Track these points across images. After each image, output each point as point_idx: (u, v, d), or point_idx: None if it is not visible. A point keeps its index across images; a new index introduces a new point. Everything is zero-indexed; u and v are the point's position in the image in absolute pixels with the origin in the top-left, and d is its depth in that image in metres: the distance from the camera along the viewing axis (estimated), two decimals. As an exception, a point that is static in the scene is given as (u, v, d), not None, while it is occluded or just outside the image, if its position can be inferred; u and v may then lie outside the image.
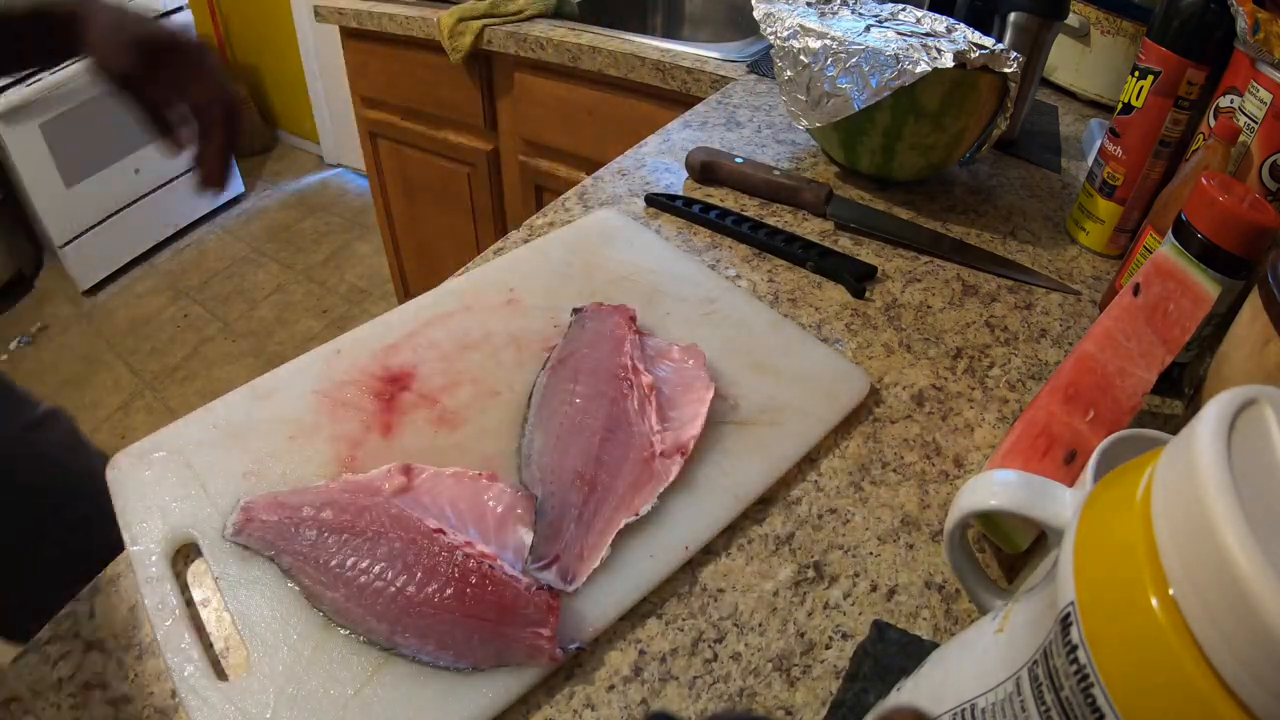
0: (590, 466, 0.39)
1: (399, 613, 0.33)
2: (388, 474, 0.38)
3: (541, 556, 0.36)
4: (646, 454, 0.40)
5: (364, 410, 0.43)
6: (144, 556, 0.35)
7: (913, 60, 0.58)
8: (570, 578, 0.36)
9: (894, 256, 0.61)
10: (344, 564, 0.34)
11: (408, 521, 0.36)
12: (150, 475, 0.39)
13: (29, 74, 1.91)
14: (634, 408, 0.43)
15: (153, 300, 2.26)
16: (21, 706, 0.32)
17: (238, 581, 0.35)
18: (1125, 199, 0.60)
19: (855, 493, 0.42)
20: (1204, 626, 0.15)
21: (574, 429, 0.41)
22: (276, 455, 0.40)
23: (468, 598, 0.33)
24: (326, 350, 0.47)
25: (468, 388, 0.45)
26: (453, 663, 0.32)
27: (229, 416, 0.42)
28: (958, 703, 0.22)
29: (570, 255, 0.56)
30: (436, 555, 0.34)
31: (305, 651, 0.32)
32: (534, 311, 0.50)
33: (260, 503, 0.37)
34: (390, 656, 0.32)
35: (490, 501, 0.37)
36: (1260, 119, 0.47)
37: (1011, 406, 0.48)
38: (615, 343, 0.46)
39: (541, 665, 0.33)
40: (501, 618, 0.33)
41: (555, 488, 0.39)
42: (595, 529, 0.37)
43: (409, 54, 1.30)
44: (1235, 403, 0.18)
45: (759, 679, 0.33)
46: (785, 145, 0.76)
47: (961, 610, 0.37)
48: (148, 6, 2.14)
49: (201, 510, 0.37)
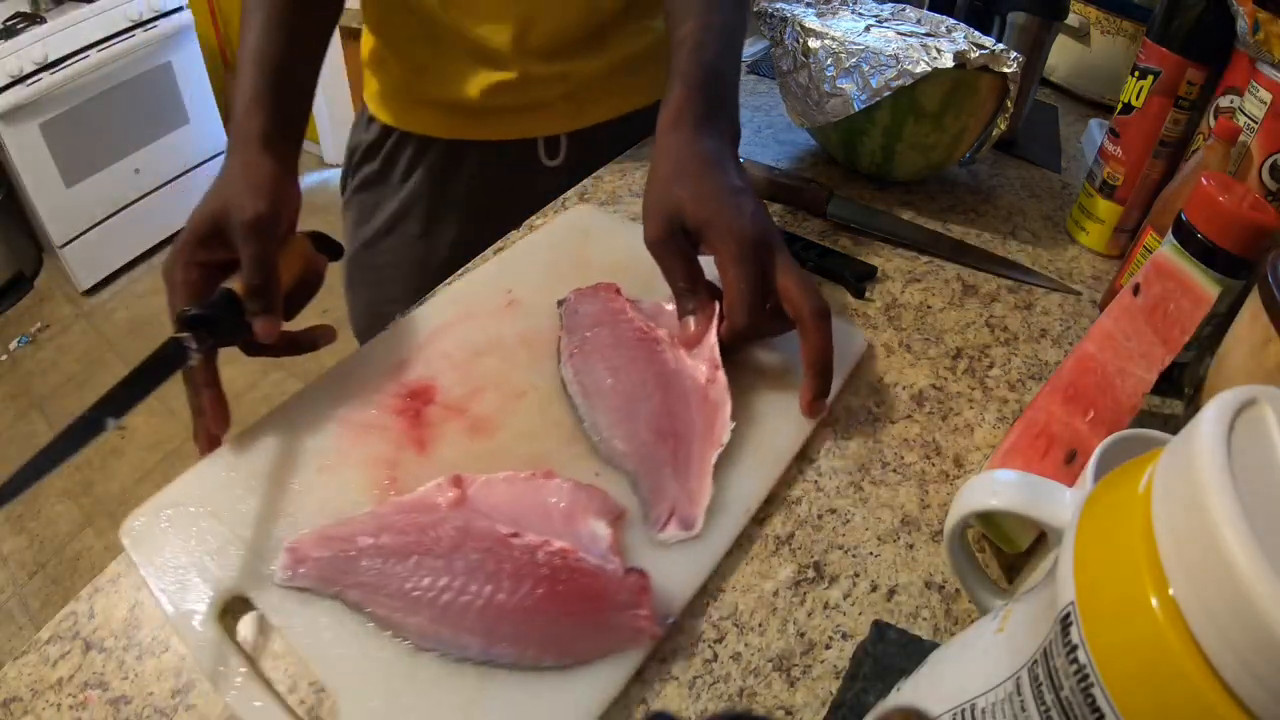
0: (663, 421, 0.41)
1: (492, 623, 0.32)
2: (438, 488, 0.37)
3: (658, 518, 0.37)
4: (701, 391, 0.43)
5: (391, 430, 0.41)
6: (187, 621, 0.33)
7: (912, 60, 0.58)
8: (691, 524, 0.37)
9: (894, 256, 0.61)
10: (420, 585, 0.33)
11: (478, 531, 0.35)
12: (172, 533, 0.36)
13: (29, 74, 1.91)
14: (668, 357, 0.45)
15: (153, 300, 2.25)
16: (21, 706, 0.32)
17: (302, 626, 0.33)
18: (1125, 199, 0.60)
19: (855, 493, 0.42)
20: (1204, 626, 0.15)
21: (629, 397, 0.42)
22: (309, 489, 0.38)
23: (561, 594, 0.33)
24: (335, 374, 0.45)
25: (491, 393, 0.44)
26: (556, 662, 0.32)
27: (245, 458, 0.40)
28: (958, 703, 0.22)
29: (558, 253, 0.56)
30: (519, 559, 0.33)
31: (397, 684, 0.31)
32: (536, 310, 0.50)
33: (307, 541, 0.35)
34: (488, 670, 0.31)
35: (553, 499, 0.37)
36: (1260, 119, 0.47)
37: (1011, 406, 0.48)
38: (615, 314, 0.47)
39: (643, 646, 0.33)
40: (598, 607, 0.33)
41: (640, 454, 0.40)
42: (693, 472, 0.39)
43: (409, 54, 1.30)
44: (1235, 403, 0.18)
45: (759, 679, 0.33)
46: (785, 145, 0.76)
47: (961, 610, 0.37)
48: (148, 6, 2.14)
49: (241, 560, 0.35)
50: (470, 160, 0.71)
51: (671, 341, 0.46)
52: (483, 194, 0.72)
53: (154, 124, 2.29)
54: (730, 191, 0.44)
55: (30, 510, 1.67)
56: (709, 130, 0.47)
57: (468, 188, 0.71)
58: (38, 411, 1.89)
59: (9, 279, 2.22)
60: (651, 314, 0.48)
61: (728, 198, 0.44)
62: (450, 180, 0.71)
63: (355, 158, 0.75)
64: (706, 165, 0.45)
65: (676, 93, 0.48)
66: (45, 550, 1.59)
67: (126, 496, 1.69)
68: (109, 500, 1.68)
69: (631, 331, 0.46)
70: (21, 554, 1.58)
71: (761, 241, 0.43)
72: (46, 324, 2.18)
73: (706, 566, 0.36)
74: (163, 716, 0.31)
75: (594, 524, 0.36)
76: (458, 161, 0.71)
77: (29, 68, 1.91)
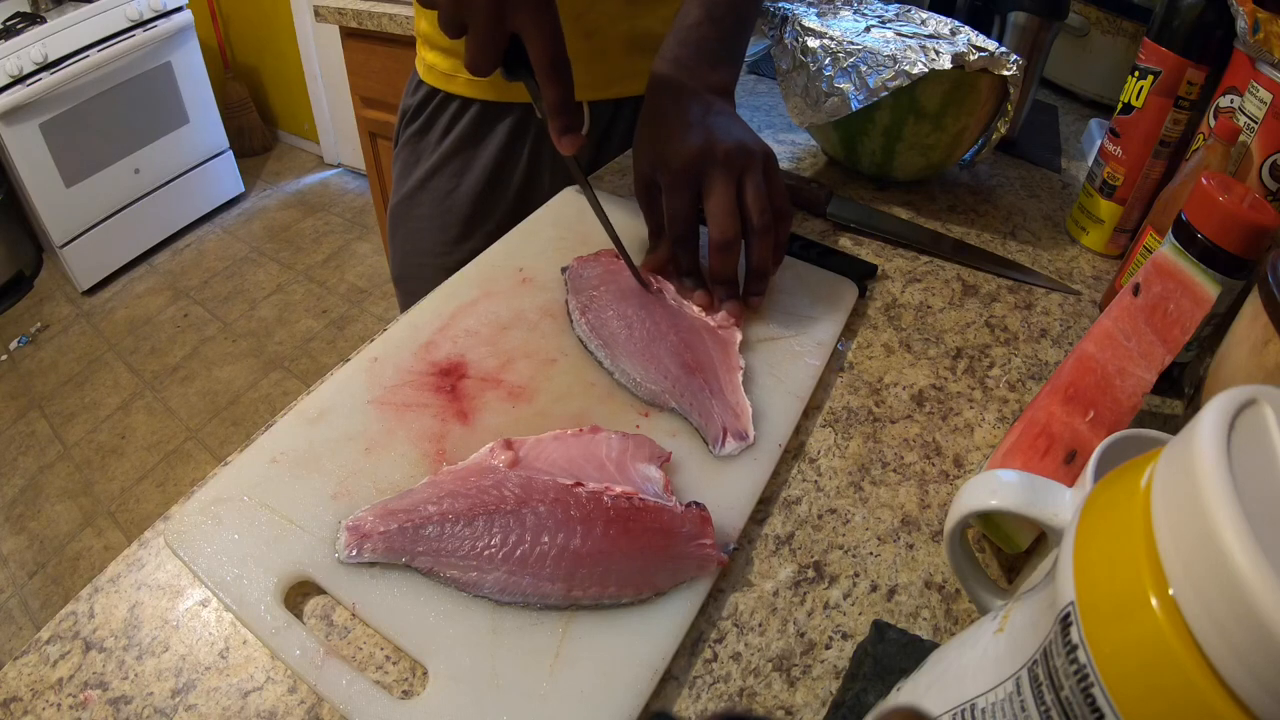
0: (685, 355, 0.45)
1: (571, 568, 0.33)
2: (491, 452, 0.38)
3: (715, 438, 0.41)
4: (709, 329, 0.48)
5: (431, 406, 0.43)
6: (256, 611, 0.33)
7: (910, 61, 0.58)
8: (744, 434, 0.42)
9: (894, 256, 0.61)
10: (492, 544, 0.34)
11: (541, 485, 0.36)
12: (223, 527, 0.36)
13: (29, 74, 1.91)
14: (674, 303, 0.49)
15: (152, 300, 2.26)
16: (21, 706, 0.32)
17: (378, 599, 0.33)
18: (1125, 199, 0.60)
19: (855, 493, 0.42)
20: (1204, 626, 0.15)
21: (648, 340, 0.46)
22: (360, 471, 0.39)
23: (634, 532, 0.35)
24: (362, 361, 0.45)
25: (522, 362, 0.46)
26: (635, 596, 0.34)
27: (288, 447, 0.40)
28: (958, 703, 0.22)
29: (558, 229, 0.58)
30: (586, 505, 0.35)
31: (483, 639, 0.32)
32: (551, 284, 0.52)
33: (369, 516, 0.35)
34: (570, 614, 0.33)
35: (602, 450, 0.39)
36: (1260, 119, 0.47)
37: (1011, 406, 0.48)
38: (616, 274, 0.51)
39: (710, 574, 0.35)
40: (668, 541, 0.35)
41: (677, 389, 0.44)
42: (727, 392, 0.44)
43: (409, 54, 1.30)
44: (1235, 403, 0.18)
45: (759, 679, 0.33)
46: (785, 145, 0.76)
47: (961, 610, 0.37)
48: (148, 6, 2.14)
49: (302, 545, 0.35)
50: (502, 126, 0.74)
51: (673, 289, 0.50)
52: (508, 160, 0.75)
53: (154, 124, 2.30)
54: (680, 126, 0.49)
55: (30, 510, 1.67)
56: (688, 74, 0.52)
57: (495, 151, 0.75)
58: (37, 411, 1.89)
59: (9, 279, 2.23)
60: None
61: (675, 135, 0.49)
62: (481, 143, 0.75)
63: (405, 118, 0.80)
64: (662, 114, 0.51)
65: (667, 43, 0.54)
66: (45, 550, 1.59)
67: (126, 496, 1.69)
68: (109, 500, 1.68)
69: (634, 286, 0.50)
70: (21, 554, 1.58)
71: (689, 166, 0.48)
72: (46, 324, 2.18)
73: (752, 498, 0.40)
74: (163, 716, 0.31)
75: (645, 469, 0.38)
76: (490, 126, 0.75)
77: (29, 68, 1.91)
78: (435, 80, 0.75)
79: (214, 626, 0.34)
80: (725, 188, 0.47)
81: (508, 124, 0.74)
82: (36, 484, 1.72)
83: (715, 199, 0.47)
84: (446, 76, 0.74)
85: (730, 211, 0.47)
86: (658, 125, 0.50)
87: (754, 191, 0.48)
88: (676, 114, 0.50)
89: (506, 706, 0.30)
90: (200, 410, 1.88)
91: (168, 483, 1.72)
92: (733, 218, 0.47)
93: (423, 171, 0.78)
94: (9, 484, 1.73)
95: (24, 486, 1.72)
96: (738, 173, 0.48)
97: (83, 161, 2.13)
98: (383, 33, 1.35)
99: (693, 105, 0.51)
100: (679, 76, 0.53)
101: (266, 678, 0.32)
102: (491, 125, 0.75)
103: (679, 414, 0.43)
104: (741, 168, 0.48)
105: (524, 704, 0.30)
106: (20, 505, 1.68)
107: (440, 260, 0.78)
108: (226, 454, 0.41)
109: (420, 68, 0.78)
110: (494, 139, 0.75)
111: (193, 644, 0.33)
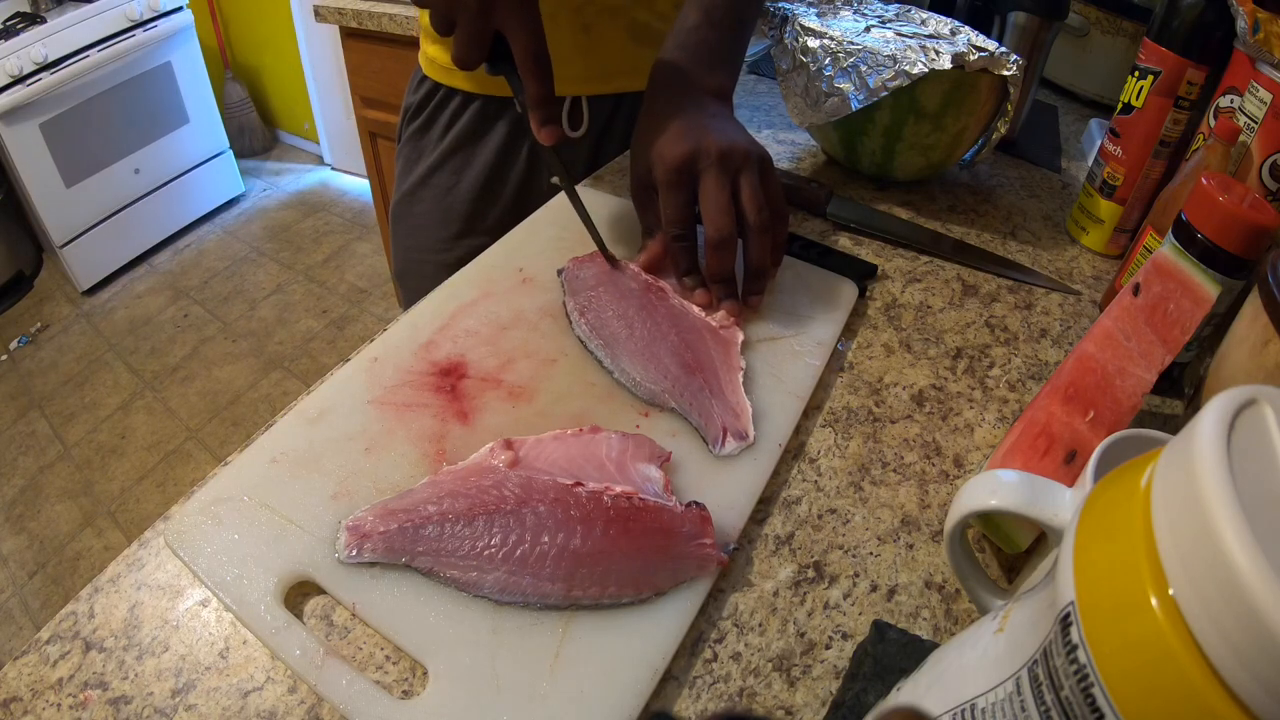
0: (685, 355, 0.45)
1: (571, 568, 0.33)
2: (491, 452, 0.38)
3: (715, 438, 0.41)
4: (710, 328, 0.48)
5: (431, 406, 0.42)
6: (256, 611, 0.33)
7: (910, 61, 0.58)
8: (744, 434, 0.42)
9: (894, 256, 0.61)
10: (492, 543, 0.34)
11: (541, 485, 0.36)
12: (223, 527, 0.36)
13: (29, 74, 1.91)
14: (674, 302, 0.50)
15: (152, 300, 2.26)
16: (21, 706, 0.32)
17: (378, 599, 0.33)
18: (1125, 199, 0.60)
19: (855, 493, 0.42)
20: (1204, 626, 0.15)
21: (648, 340, 0.46)
22: (359, 471, 0.39)
23: (634, 532, 0.35)
24: (362, 361, 0.45)
25: (523, 362, 0.46)
26: (635, 596, 0.34)
27: (288, 447, 0.40)
28: (958, 703, 0.22)
29: (558, 229, 0.58)
30: (586, 505, 0.35)
31: (483, 639, 0.32)
32: (551, 284, 0.52)
33: (369, 516, 0.35)
34: (570, 614, 0.33)
35: (602, 450, 0.39)
36: (1260, 119, 0.47)
37: (1011, 406, 0.48)
38: (614, 276, 0.51)
39: (710, 573, 0.35)
40: (668, 541, 0.35)
41: (676, 388, 0.44)
42: (727, 392, 0.44)
43: (409, 54, 1.30)
44: (1235, 403, 0.18)
45: (759, 679, 0.33)
46: (785, 145, 0.76)
47: (961, 610, 0.37)
48: (148, 6, 2.14)
49: (302, 545, 0.35)
50: (501, 123, 0.75)
51: (674, 290, 0.51)
52: (508, 156, 0.76)
53: (154, 124, 2.30)
54: (676, 127, 0.49)
55: (30, 510, 1.67)
56: (686, 77, 0.53)
57: (495, 148, 0.75)
58: (37, 411, 1.89)
59: (9, 279, 2.23)
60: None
61: (670, 136, 0.49)
62: (481, 139, 0.76)
63: (407, 116, 0.80)
64: (658, 116, 0.51)
65: (666, 45, 0.55)
66: (45, 550, 1.59)
67: (126, 496, 1.69)
68: (109, 500, 1.68)
69: (633, 287, 0.50)
70: (21, 554, 1.58)
71: (684, 166, 0.48)
72: (46, 324, 2.18)
73: (752, 498, 0.39)
74: (163, 716, 0.31)
75: (645, 469, 0.38)
76: (490, 123, 0.75)
77: (29, 68, 1.91)
78: (437, 74, 0.75)
79: (214, 626, 0.34)
80: (720, 187, 0.48)
81: (507, 120, 0.74)
82: (36, 484, 1.72)
83: (710, 197, 0.48)
84: (448, 70, 0.74)
85: (725, 209, 0.47)
86: (654, 127, 0.51)
87: (749, 191, 0.48)
88: (672, 116, 0.50)
89: (506, 706, 0.30)
90: (200, 410, 1.88)
91: (168, 483, 1.72)
92: (727, 215, 0.47)
93: (424, 168, 0.78)
94: (9, 484, 1.73)
95: (24, 486, 1.72)
96: (732, 172, 0.48)
97: (83, 161, 2.13)
98: (383, 33, 1.35)
99: (689, 107, 0.51)
100: (677, 79, 0.53)
101: (266, 678, 0.32)
102: (492, 122, 0.75)
103: (679, 414, 0.43)
104: (736, 168, 0.48)
105: (524, 704, 0.30)
106: (20, 505, 1.68)
107: (441, 256, 0.78)
108: (226, 454, 0.41)
109: (423, 61, 0.78)
110: (494, 136, 0.75)
111: (193, 644, 0.33)
